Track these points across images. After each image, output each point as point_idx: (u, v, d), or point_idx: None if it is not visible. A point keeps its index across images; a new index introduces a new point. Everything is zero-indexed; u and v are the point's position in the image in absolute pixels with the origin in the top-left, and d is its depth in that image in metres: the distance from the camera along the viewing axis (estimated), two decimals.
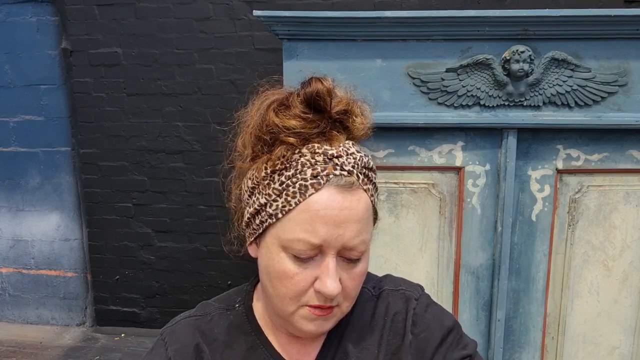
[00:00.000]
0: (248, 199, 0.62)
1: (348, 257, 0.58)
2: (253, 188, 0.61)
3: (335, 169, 0.57)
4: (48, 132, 2.97)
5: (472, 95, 1.50)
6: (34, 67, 2.90)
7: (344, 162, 0.58)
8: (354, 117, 0.61)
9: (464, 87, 1.50)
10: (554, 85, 1.48)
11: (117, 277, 3.04)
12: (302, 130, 0.57)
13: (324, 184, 0.56)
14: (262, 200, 0.59)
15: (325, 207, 0.56)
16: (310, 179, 0.56)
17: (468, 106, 1.52)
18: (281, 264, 0.58)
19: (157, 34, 2.70)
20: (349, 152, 0.59)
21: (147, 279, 3.02)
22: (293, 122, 0.57)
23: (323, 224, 0.55)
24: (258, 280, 0.71)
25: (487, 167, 1.56)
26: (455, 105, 1.51)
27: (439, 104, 1.52)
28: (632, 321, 1.64)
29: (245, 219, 0.64)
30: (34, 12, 2.85)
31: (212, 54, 2.69)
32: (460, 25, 1.45)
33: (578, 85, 1.47)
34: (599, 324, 1.64)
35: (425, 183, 1.59)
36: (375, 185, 0.62)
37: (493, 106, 1.51)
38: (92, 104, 2.83)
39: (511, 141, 1.52)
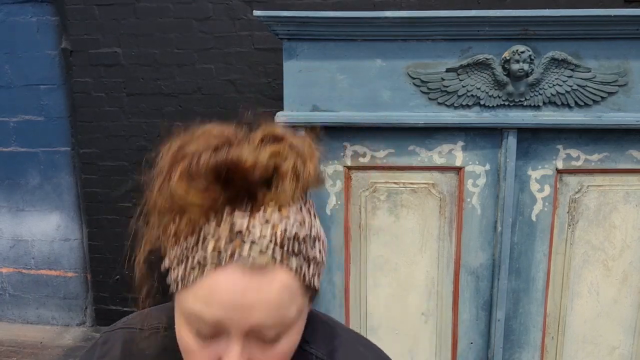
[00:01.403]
0: (167, 243, 0.53)
1: (262, 338, 0.49)
2: (163, 242, 0.52)
3: (243, 247, 0.46)
4: (48, 132, 2.97)
5: (472, 95, 1.50)
6: (34, 67, 2.89)
7: (256, 238, 0.46)
8: (282, 182, 0.48)
9: (464, 87, 1.50)
10: (554, 85, 1.48)
11: (117, 277, 3.03)
12: (208, 206, 0.47)
13: (225, 263, 0.46)
14: (167, 263, 0.52)
15: (223, 290, 0.46)
16: (210, 255, 0.47)
17: (468, 106, 1.52)
18: (184, 338, 0.51)
19: (157, 33, 2.70)
20: (270, 222, 0.47)
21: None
22: (196, 199, 0.47)
23: (221, 307, 0.47)
24: None
25: (487, 167, 1.56)
26: (455, 105, 1.51)
27: (439, 104, 1.51)
28: (632, 321, 1.64)
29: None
30: (34, 12, 2.84)
31: (212, 54, 2.69)
32: (460, 25, 1.45)
33: (578, 85, 1.47)
34: (599, 324, 1.64)
35: (425, 183, 1.59)
36: (309, 258, 0.50)
37: (493, 106, 1.51)
38: (92, 103, 2.83)
39: (511, 141, 1.52)
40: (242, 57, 2.67)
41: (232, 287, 0.46)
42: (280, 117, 1.52)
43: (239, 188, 0.47)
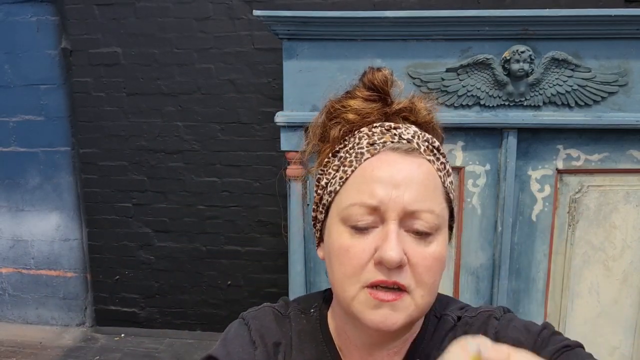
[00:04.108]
0: (315, 193, 0.61)
1: (414, 228, 0.53)
2: (319, 179, 0.60)
3: (394, 138, 0.56)
4: (48, 132, 2.97)
5: (472, 95, 1.50)
6: (33, 66, 2.89)
7: (402, 132, 0.57)
8: (418, 111, 0.60)
9: (464, 87, 1.50)
10: (554, 85, 1.48)
11: (117, 277, 3.03)
12: (362, 108, 0.58)
13: (380, 149, 0.55)
14: (323, 183, 0.59)
15: (380, 168, 0.54)
16: (367, 147, 0.56)
17: (468, 106, 1.52)
18: (339, 239, 0.54)
19: (156, 33, 2.70)
20: (411, 128, 0.58)
21: (147, 279, 3.01)
22: (352, 101, 0.59)
23: (379, 183, 0.53)
24: None
25: (487, 167, 1.56)
26: (455, 105, 1.51)
27: (439, 104, 1.51)
28: (633, 321, 1.64)
29: (312, 214, 0.61)
30: (34, 11, 2.84)
31: (212, 54, 2.69)
32: (460, 25, 1.45)
33: (578, 85, 1.47)
34: (599, 324, 1.64)
35: None
36: (445, 168, 0.59)
37: (493, 106, 1.51)
38: (92, 103, 2.83)
39: (511, 141, 1.51)
40: (242, 57, 2.67)
41: (387, 165, 0.54)
42: (280, 117, 1.52)
43: (388, 100, 0.60)
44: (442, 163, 0.58)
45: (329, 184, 0.58)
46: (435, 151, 0.58)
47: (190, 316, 3.02)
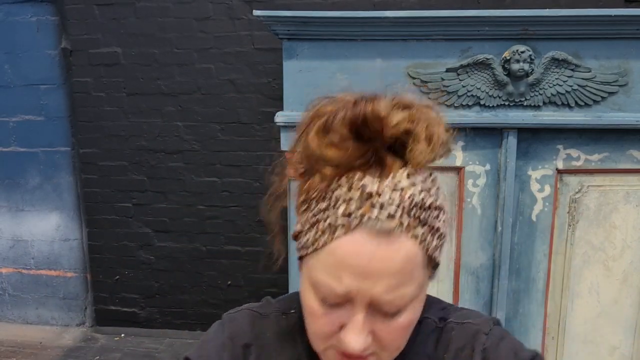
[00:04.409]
0: (296, 214, 0.57)
1: (384, 311, 0.50)
2: (297, 208, 0.55)
3: (372, 210, 0.47)
4: (48, 132, 2.97)
5: (472, 95, 1.50)
6: (33, 66, 2.89)
7: (385, 201, 0.47)
8: (416, 143, 0.49)
9: (464, 87, 1.50)
10: (554, 85, 1.48)
11: (117, 277, 3.03)
12: (341, 162, 0.49)
13: (355, 226, 0.48)
14: (299, 227, 0.54)
15: (352, 255, 0.48)
16: (341, 218, 0.48)
17: (468, 106, 1.52)
18: (309, 301, 0.53)
19: (156, 33, 2.70)
20: (398, 187, 0.48)
21: (147, 279, 3.01)
22: (329, 153, 0.49)
23: (348, 273, 0.48)
24: None
25: (487, 167, 1.56)
26: (455, 105, 1.51)
27: (439, 104, 1.51)
28: (632, 321, 1.64)
29: (291, 234, 0.58)
30: (33, 11, 2.84)
31: (212, 54, 2.69)
32: (460, 25, 1.45)
33: (578, 85, 1.47)
34: (599, 324, 1.64)
35: None
36: (434, 228, 0.51)
37: (493, 106, 1.51)
38: (92, 103, 2.83)
39: (511, 141, 1.51)
40: (242, 57, 2.67)
41: (360, 252, 0.48)
42: (280, 117, 1.52)
43: (372, 144, 0.49)
44: (430, 227, 0.50)
45: (303, 233, 0.53)
46: (425, 215, 0.50)
47: (190, 316, 3.02)
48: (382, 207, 0.48)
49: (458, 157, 1.56)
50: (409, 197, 0.48)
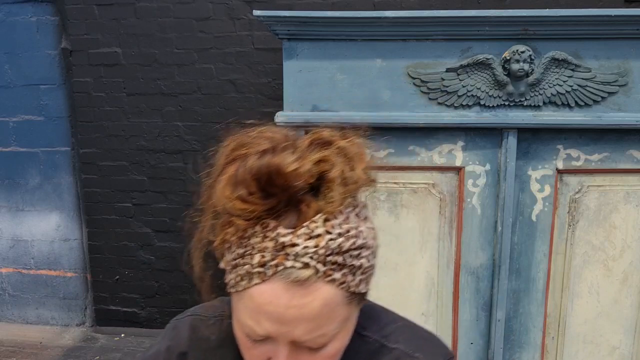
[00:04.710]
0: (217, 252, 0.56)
1: (307, 346, 0.51)
2: (217, 247, 0.54)
3: (287, 260, 0.47)
4: (48, 132, 2.97)
5: (472, 95, 1.50)
6: (33, 66, 2.89)
7: (299, 251, 0.46)
8: (329, 190, 0.48)
9: (464, 87, 1.50)
10: (554, 85, 1.48)
11: (117, 277, 3.03)
12: (251, 216, 0.48)
13: (270, 275, 0.47)
14: (223, 264, 0.54)
15: (269, 303, 0.48)
16: (257, 267, 0.48)
17: (468, 106, 1.52)
18: (238, 333, 0.54)
19: (157, 33, 2.70)
20: (314, 234, 0.47)
21: (147, 278, 3.01)
22: (239, 206, 0.48)
23: (267, 319, 0.49)
24: None
25: (487, 167, 1.56)
26: (455, 105, 1.51)
27: (439, 104, 1.51)
28: (632, 321, 1.64)
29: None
30: (33, 11, 2.84)
31: (212, 54, 2.69)
32: (460, 25, 1.45)
33: (578, 85, 1.47)
34: (599, 324, 1.64)
35: (425, 183, 1.59)
36: (354, 267, 0.50)
37: (493, 106, 1.51)
38: (92, 103, 2.83)
39: (511, 141, 1.51)
40: (242, 57, 2.67)
41: (276, 301, 0.48)
42: (280, 117, 1.52)
43: (281, 197, 0.47)
44: (350, 267, 0.49)
45: (226, 272, 0.53)
46: (343, 259, 0.48)
47: None
48: (296, 257, 0.47)
49: (458, 157, 1.56)
50: (324, 245, 0.47)
